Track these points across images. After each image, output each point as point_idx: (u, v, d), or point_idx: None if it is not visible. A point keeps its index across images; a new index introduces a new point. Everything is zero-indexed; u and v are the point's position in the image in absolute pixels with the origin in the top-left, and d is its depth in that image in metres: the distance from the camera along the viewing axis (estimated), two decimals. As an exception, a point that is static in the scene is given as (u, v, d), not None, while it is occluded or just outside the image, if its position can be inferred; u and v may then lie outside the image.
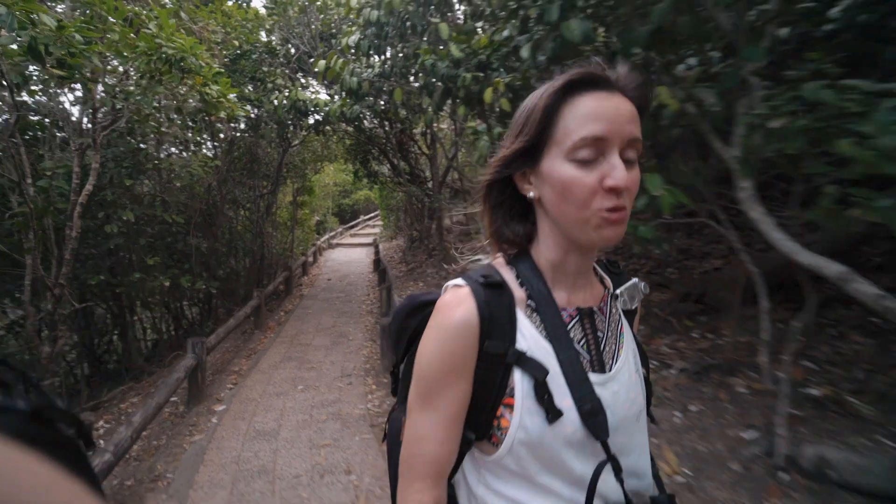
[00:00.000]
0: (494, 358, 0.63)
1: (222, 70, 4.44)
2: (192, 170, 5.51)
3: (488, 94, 2.96)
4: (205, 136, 6.38)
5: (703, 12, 1.61)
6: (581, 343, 0.67)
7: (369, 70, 4.70)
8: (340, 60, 4.40)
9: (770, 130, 1.65)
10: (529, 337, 0.65)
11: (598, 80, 0.61)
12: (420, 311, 0.79)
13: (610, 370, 0.67)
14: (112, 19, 3.40)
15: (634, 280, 0.76)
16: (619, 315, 0.73)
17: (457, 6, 4.04)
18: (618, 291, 0.74)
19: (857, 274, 1.53)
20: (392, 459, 0.80)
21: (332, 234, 19.14)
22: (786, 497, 1.93)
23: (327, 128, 8.59)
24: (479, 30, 3.06)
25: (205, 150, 7.11)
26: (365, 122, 8.42)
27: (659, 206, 1.67)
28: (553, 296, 0.67)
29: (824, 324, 2.79)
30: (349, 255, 15.88)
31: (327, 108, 6.69)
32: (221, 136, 7.04)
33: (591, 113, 0.60)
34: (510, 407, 0.63)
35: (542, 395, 0.61)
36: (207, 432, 4.26)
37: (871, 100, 1.47)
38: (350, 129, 9.17)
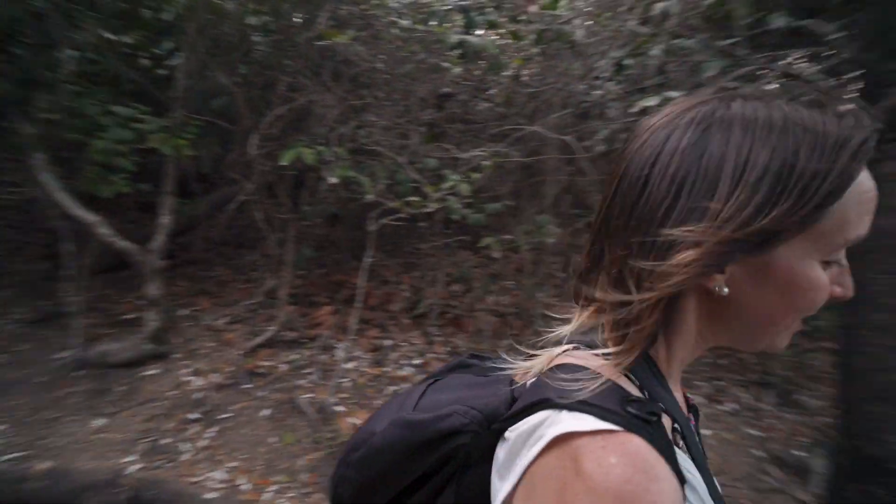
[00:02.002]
0: None
1: None
2: None
3: None
4: None
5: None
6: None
7: None
8: None
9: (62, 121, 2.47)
10: (692, 479, 0.46)
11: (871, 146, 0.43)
12: (434, 447, 0.50)
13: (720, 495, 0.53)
14: None
15: None
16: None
17: None
18: None
19: (106, 222, 2.57)
20: None
21: None
22: (74, 381, 2.77)
23: None
24: None
25: None
26: None
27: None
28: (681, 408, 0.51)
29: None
30: None
31: None
32: None
33: (872, 200, 0.44)
34: None
35: None
36: None
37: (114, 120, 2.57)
38: None
